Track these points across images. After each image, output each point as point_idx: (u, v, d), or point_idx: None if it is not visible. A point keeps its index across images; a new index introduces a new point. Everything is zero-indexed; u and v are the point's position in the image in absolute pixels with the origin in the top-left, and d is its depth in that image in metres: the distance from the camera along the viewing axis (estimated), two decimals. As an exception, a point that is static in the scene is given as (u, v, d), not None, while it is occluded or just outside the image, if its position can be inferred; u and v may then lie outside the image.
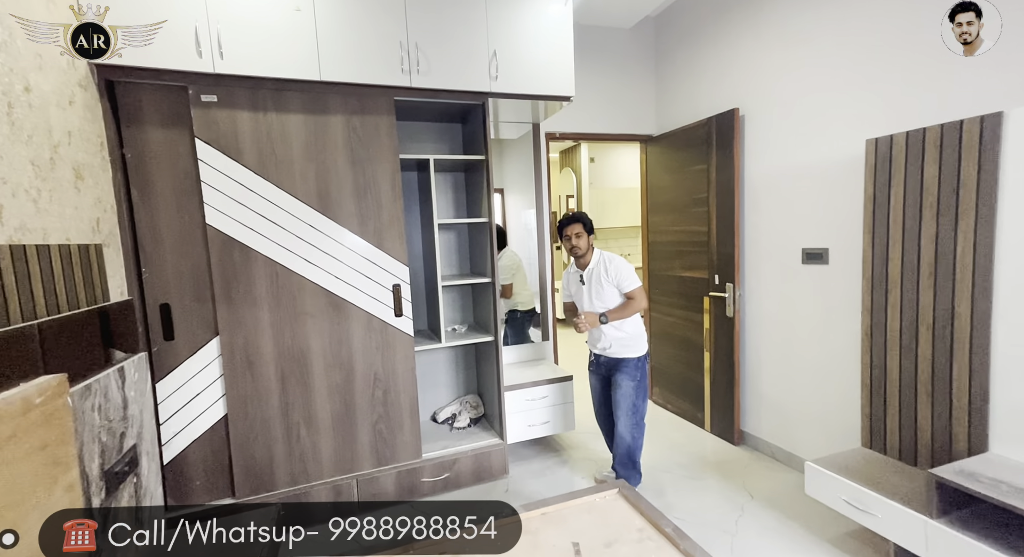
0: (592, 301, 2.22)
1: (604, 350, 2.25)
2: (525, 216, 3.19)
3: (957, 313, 1.69)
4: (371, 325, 2.16)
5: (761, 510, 2.13)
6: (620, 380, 2.21)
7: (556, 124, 3.08)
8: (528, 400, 2.63)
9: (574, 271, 2.32)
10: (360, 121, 2.08)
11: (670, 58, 3.18)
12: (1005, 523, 1.47)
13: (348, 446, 2.16)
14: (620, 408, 2.22)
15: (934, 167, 1.73)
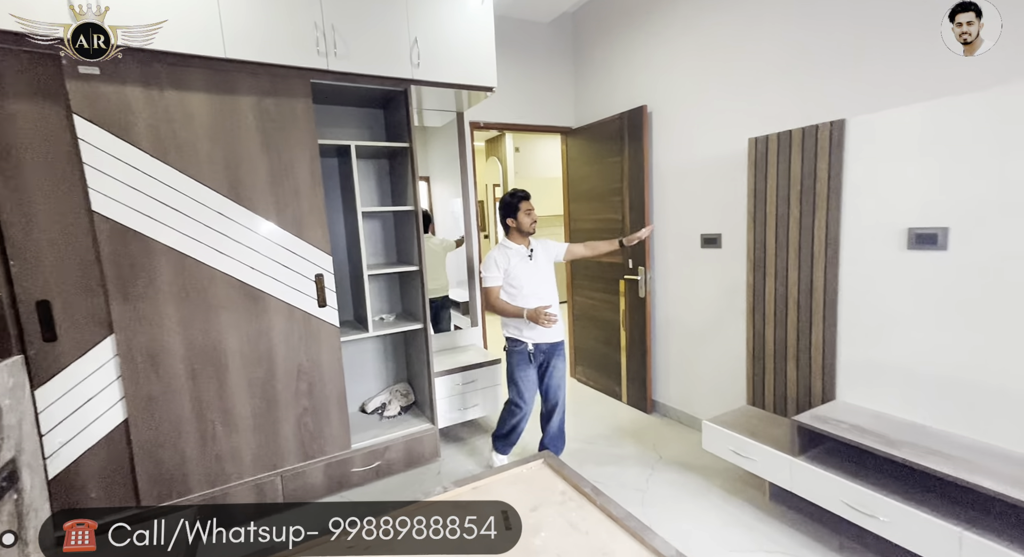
0: (542, 277, 2.22)
1: (553, 335, 2.22)
2: (452, 204, 3.22)
3: (815, 287, 2.03)
4: (293, 317, 2.09)
5: (668, 467, 2.41)
6: (558, 363, 2.28)
7: (480, 114, 3.13)
8: (458, 385, 2.70)
9: (515, 249, 2.21)
10: (274, 103, 1.99)
11: (587, 54, 3.35)
12: (848, 453, 1.82)
13: (271, 442, 2.09)
14: (561, 389, 2.31)
15: (798, 164, 2.04)
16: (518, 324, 2.22)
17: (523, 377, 2.25)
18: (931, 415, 1.70)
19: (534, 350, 2.23)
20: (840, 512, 1.67)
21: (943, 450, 1.54)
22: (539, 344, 2.23)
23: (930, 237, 1.65)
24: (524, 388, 2.27)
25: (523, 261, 2.20)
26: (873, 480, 1.65)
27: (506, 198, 2.25)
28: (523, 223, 2.21)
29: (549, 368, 2.28)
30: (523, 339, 2.22)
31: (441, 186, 3.28)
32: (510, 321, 2.24)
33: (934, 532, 1.42)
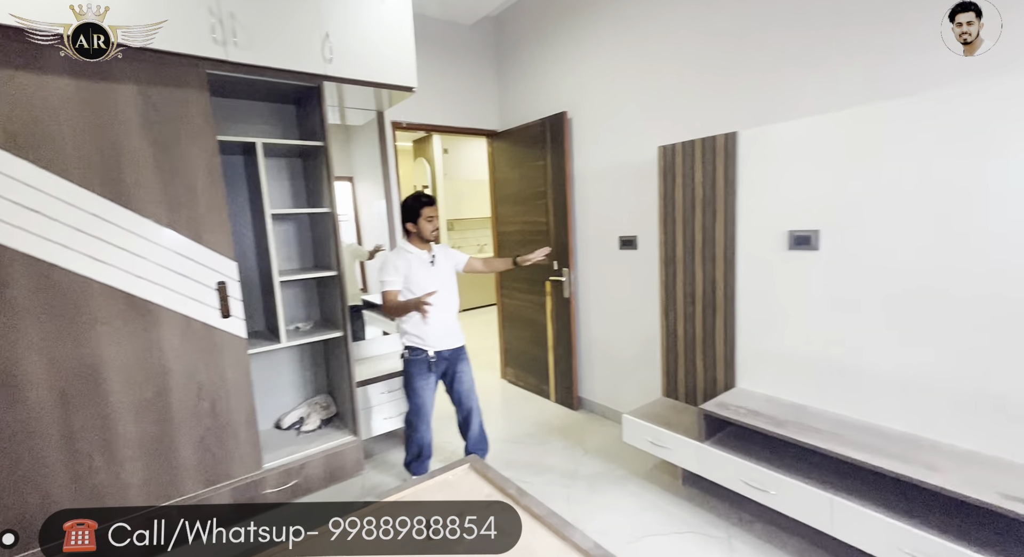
0: (445, 284, 2.17)
1: (453, 340, 2.20)
2: (377, 206, 3.11)
3: (717, 285, 2.21)
4: (191, 330, 1.90)
5: (592, 461, 2.50)
6: (465, 367, 2.26)
7: (403, 114, 3.06)
8: (382, 393, 2.61)
9: (416, 253, 2.14)
10: (161, 94, 1.79)
11: (510, 59, 3.40)
12: (748, 435, 2.00)
13: (166, 470, 1.88)
14: (472, 393, 2.29)
15: (701, 171, 2.21)
16: (419, 332, 2.13)
17: (423, 386, 2.18)
18: (812, 396, 1.92)
19: (436, 358, 2.16)
20: (739, 490, 1.83)
21: (821, 427, 1.75)
22: (441, 351, 2.17)
23: (805, 239, 1.86)
24: (425, 399, 2.20)
25: (424, 266, 2.13)
26: (767, 458, 1.82)
27: (408, 201, 2.14)
28: (424, 230, 2.12)
29: (456, 374, 2.23)
30: (424, 347, 2.15)
31: (366, 187, 3.16)
32: (411, 329, 2.15)
33: (811, 500, 1.60)
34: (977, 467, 1.42)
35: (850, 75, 1.79)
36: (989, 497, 1.27)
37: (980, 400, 1.49)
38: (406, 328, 2.18)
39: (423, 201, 2.13)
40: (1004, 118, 1.38)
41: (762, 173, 1.98)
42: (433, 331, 2.15)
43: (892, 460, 1.48)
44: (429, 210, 2.12)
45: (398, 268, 2.10)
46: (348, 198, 3.06)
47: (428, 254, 2.18)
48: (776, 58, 2.00)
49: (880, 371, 1.71)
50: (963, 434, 1.54)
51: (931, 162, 1.53)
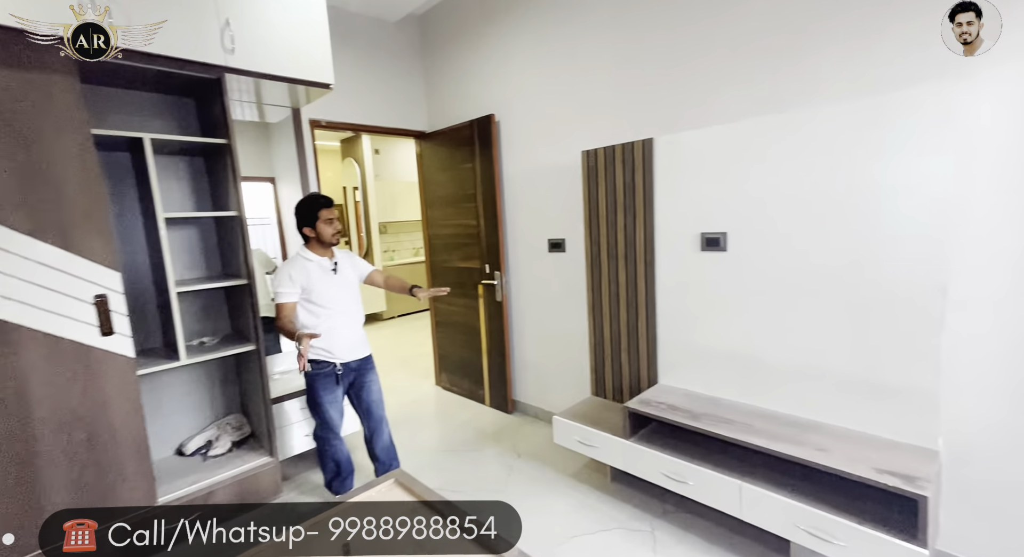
0: (350, 293, 2.06)
1: (357, 351, 2.08)
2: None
3: (639, 285, 2.29)
4: (60, 351, 1.65)
5: (525, 464, 2.50)
6: (373, 377, 2.14)
7: (323, 111, 2.89)
8: (303, 409, 2.44)
9: (316, 261, 1.98)
10: (15, 78, 1.54)
11: (436, 59, 3.33)
12: (670, 430, 2.08)
13: (29, 516, 1.62)
14: (379, 405, 2.16)
15: (621, 175, 2.28)
16: (325, 344, 1.99)
17: (332, 401, 2.05)
18: (725, 388, 2.04)
19: (343, 370, 2.04)
20: (661, 483, 1.90)
21: (733, 418, 1.86)
22: (348, 363, 2.05)
23: (715, 240, 1.98)
24: (334, 413, 2.07)
25: (325, 275, 1.98)
26: (687, 450, 1.91)
27: (302, 205, 1.98)
28: (324, 233, 1.96)
29: (365, 384, 2.11)
30: (331, 359, 2.01)
31: (289, 189, 2.94)
32: (315, 342, 1.96)
33: (723, 487, 1.69)
34: (858, 445, 1.57)
35: (749, 90, 1.92)
36: (867, 472, 1.40)
37: (860, 385, 1.65)
38: (312, 340, 1.99)
39: (320, 202, 1.97)
40: (862, 132, 1.54)
41: (676, 178, 2.07)
42: (340, 342, 2.02)
43: (789, 444, 1.60)
44: (327, 212, 1.97)
45: (293, 278, 1.92)
46: (270, 200, 2.84)
47: (330, 261, 2.02)
48: (689, 69, 2.10)
49: (780, 362, 1.85)
50: (848, 416, 1.70)
51: (810, 170, 1.68)
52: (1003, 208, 1.41)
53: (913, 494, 1.30)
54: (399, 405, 3.41)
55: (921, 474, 1.38)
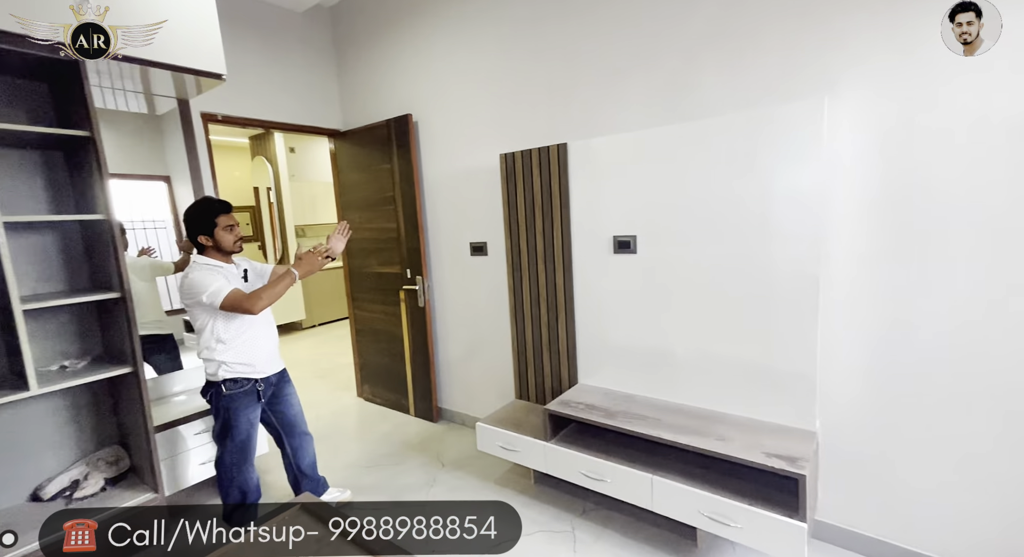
0: None
1: (276, 364, 1.96)
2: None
3: (558, 287, 2.32)
4: None
5: (449, 474, 2.43)
6: (291, 390, 2.03)
7: (219, 105, 2.63)
8: (199, 433, 2.18)
9: (225, 267, 1.84)
10: None
11: (350, 54, 3.17)
12: (590, 429, 2.12)
13: None
14: (301, 418, 2.06)
15: (539, 179, 2.30)
16: (247, 359, 1.83)
17: (253, 422, 1.90)
18: (639, 385, 2.12)
19: (263, 386, 1.90)
20: (580, 482, 1.92)
21: (645, 413, 1.93)
22: (268, 377, 1.92)
23: (626, 243, 2.05)
24: (252, 435, 1.90)
25: (238, 282, 1.85)
26: (605, 449, 1.95)
27: (195, 210, 1.80)
28: (224, 242, 1.80)
29: (285, 397, 2.01)
30: (252, 375, 1.86)
31: (186, 188, 2.63)
32: (234, 358, 1.82)
33: (636, 482, 1.75)
34: (755, 432, 1.70)
35: (654, 100, 2.01)
36: (758, 457, 1.51)
37: (756, 376, 1.79)
38: (226, 358, 1.83)
39: (217, 208, 1.80)
40: (747, 142, 1.68)
41: (589, 183, 2.13)
42: (261, 355, 1.88)
43: (694, 436, 1.69)
44: (227, 218, 1.81)
45: (216, 275, 1.77)
46: (164, 201, 2.52)
47: (237, 268, 1.89)
48: (603, 77, 2.16)
49: (688, 357, 1.96)
50: (747, 405, 1.83)
51: (706, 176, 1.80)
52: (860, 213, 1.60)
53: (793, 474, 1.42)
54: (316, 420, 3.18)
55: (801, 455, 1.51)
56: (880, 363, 1.62)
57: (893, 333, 1.59)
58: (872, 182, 1.57)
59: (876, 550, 1.70)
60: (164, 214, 2.53)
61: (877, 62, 1.51)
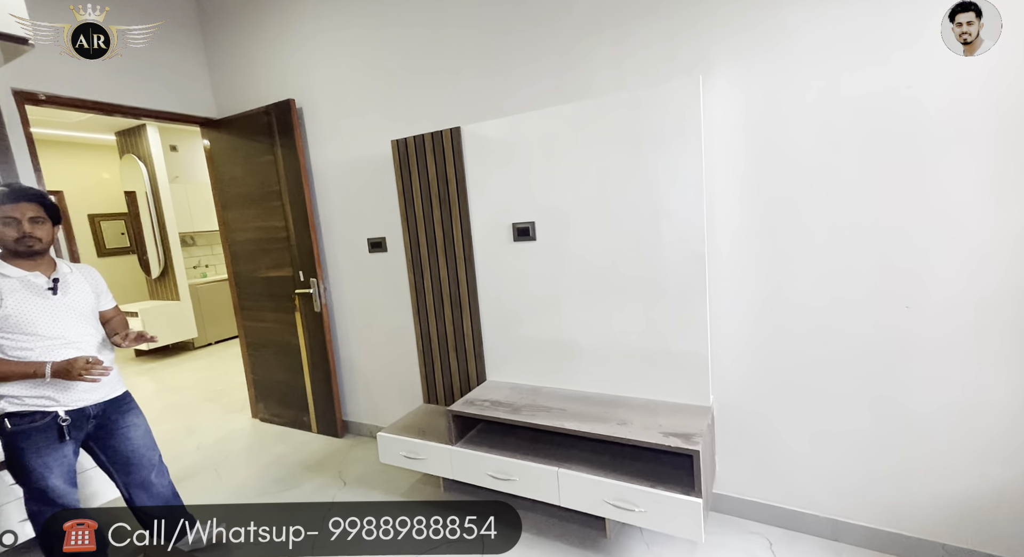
0: (76, 316, 1.54)
1: (102, 389, 1.59)
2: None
3: (460, 281, 2.19)
4: None
5: (351, 492, 2.20)
6: (131, 421, 1.66)
7: (45, 82, 2.18)
8: (13, 484, 1.76)
9: (19, 276, 1.47)
10: None
11: (219, 31, 2.82)
12: (498, 427, 2.01)
13: None
14: (145, 457, 1.68)
15: (433, 166, 2.16)
16: (43, 390, 1.48)
17: (51, 464, 1.49)
18: (545, 377, 2.05)
19: (72, 419, 1.51)
20: (489, 484, 1.81)
21: (551, 405, 1.85)
22: (84, 409, 1.54)
23: (524, 230, 1.98)
24: (54, 480, 1.50)
25: (34, 294, 1.48)
26: (513, 446, 1.85)
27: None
28: (6, 236, 1.45)
29: (117, 431, 1.63)
30: (51, 407, 1.49)
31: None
32: (22, 390, 1.46)
33: (543, 477, 1.67)
34: (653, 413, 1.69)
35: (542, 82, 1.96)
36: (656, 438, 1.49)
37: (653, 356, 1.79)
38: (8, 389, 1.46)
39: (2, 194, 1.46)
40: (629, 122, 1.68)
41: (485, 168, 2.03)
42: (68, 383, 1.49)
43: (596, 423, 1.65)
44: (11, 208, 1.44)
45: None
46: None
47: (44, 277, 1.52)
48: (493, 59, 2.05)
49: (589, 343, 1.92)
50: (645, 387, 1.82)
51: (595, 157, 1.78)
52: (734, 190, 1.65)
53: (687, 450, 1.42)
54: (197, 450, 2.78)
55: (695, 431, 1.52)
56: (762, 334, 1.69)
57: (770, 303, 1.66)
58: (741, 159, 1.63)
59: (767, 515, 1.77)
60: None
61: (744, 47, 1.57)
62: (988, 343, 1.38)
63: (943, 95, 1.34)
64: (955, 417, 1.45)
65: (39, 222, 1.49)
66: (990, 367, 1.39)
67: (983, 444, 1.43)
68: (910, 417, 1.51)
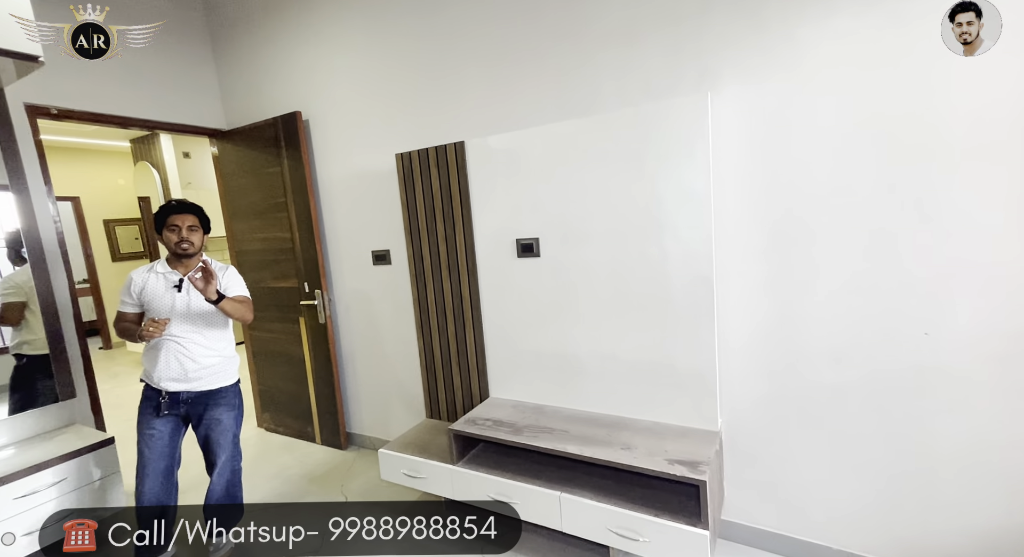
0: (190, 313, 1.74)
1: (193, 382, 1.76)
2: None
3: (463, 296, 2.17)
4: None
5: (353, 509, 2.18)
6: (218, 415, 1.81)
7: (58, 96, 2.22)
8: (21, 497, 1.77)
9: (164, 273, 1.76)
10: None
11: (228, 44, 2.84)
12: (500, 447, 1.98)
13: None
14: (221, 446, 1.84)
15: (437, 180, 2.14)
16: (150, 365, 1.76)
17: (148, 435, 1.75)
18: (548, 395, 2.01)
19: (168, 400, 1.75)
20: (490, 506, 1.77)
21: (553, 426, 1.81)
22: (179, 393, 1.75)
23: (529, 246, 1.94)
24: (145, 447, 1.75)
25: (165, 291, 1.73)
26: (515, 467, 1.81)
27: (158, 210, 1.80)
28: (167, 242, 1.75)
29: (201, 422, 1.82)
30: (155, 385, 1.75)
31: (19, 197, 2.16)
32: (145, 360, 1.78)
33: (544, 500, 1.63)
34: (659, 438, 1.64)
35: (550, 93, 1.93)
36: (660, 465, 1.44)
37: (660, 378, 1.74)
38: (144, 359, 1.80)
39: (167, 208, 1.75)
40: (635, 138, 1.64)
41: (489, 183, 2.00)
42: (160, 369, 1.73)
43: (599, 447, 1.60)
44: (176, 219, 1.73)
45: (131, 287, 1.76)
46: (10, 214, 2.04)
47: (176, 275, 1.76)
48: (499, 73, 2.02)
49: (594, 364, 1.88)
50: (651, 409, 1.77)
51: (600, 174, 1.74)
52: (744, 207, 1.60)
53: (694, 480, 1.37)
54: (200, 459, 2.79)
55: (702, 458, 1.46)
56: (773, 357, 1.63)
57: (781, 326, 1.60)
58: (752, 176, 1.57)
59: (778, 545, 1.70)
60: (10, 229, 2.06)
61: (753, 62, 1.52)
62: (1016, 375, 1.31)
63: (962, 108, 1.28)
64: (979, 451, 1.38)
65: (194, 230, 1.76)
66: (1017, 400, 1.32)
67: (1010, 480, 1.35)
68: (931, 449, 1.44)
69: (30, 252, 2.08)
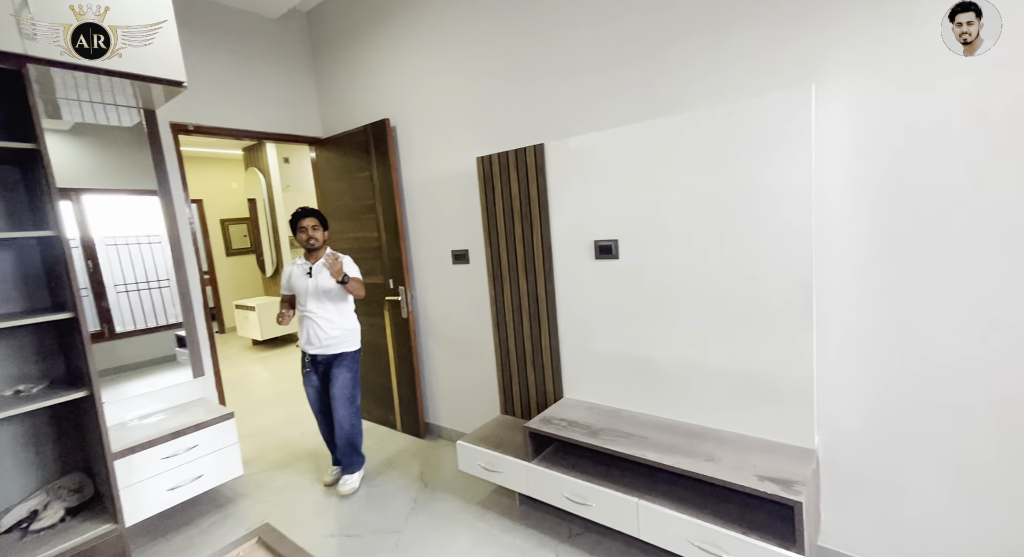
0: (318, 293, 2.29)
1: (324, 348, 2.31)
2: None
3: (539, 296, 2.20)
4: None
5: (431, 495, 2.30)
6: (338, 373, 2.33)
7: (190, 115, 2.56)
8: (165, 458, 2.09)
9: (301, 264, 2.35)
10: None
11: (328, 59, 3.10)
12: (574, 447, 1.99)
13: None
14: (338, 399, 2.34)
15: (516, 183, 2.18)
16: (301, 333, 2.38)
17: (306, 387, 2.44)
18: (624, 399, 1.98)
19: (310, 361, 2.39)
20: (564, 506, 1.79)
21: (630, 431, 1.79)
22: (315, 355, 2.36)
23: (607, 248, 1.93)
24: (308, 397, 2.46)
25: (302, 278, 2.32)
26: (590, 469, 1.82)
27: (292, 216, 2.36)
28: (300, 240, 2.32)
29: (330, 379, 2.36)
30: (304, 349, 2.39)
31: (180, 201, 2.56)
32: (299, 332, 2.40)
33: (621, 506, 1.61)
34: (746, 451, 1.55)
35: (633, 91, 1.89)
36: (749, 481, 1.37)
37: (747, 388, 1.65)
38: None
39: (297, 214, 2.32)
40: (728, 135, 1.55)
41: (568, 185, 2.01)
42: (305, 337, 2.36)
43: (681, 456, 1.55)
44: (304, 221, 2.30)
45: (287, 276, 2.39)
46: (158, 215, 2.43)
47: (308, 265, 2.33)
48: (578, 74, 2.03)
49: (674, 369, 1.82)
50: (737, 420, 1.69)
51: (686, 173, 1.67)
52: (853, 212, 1.46)
53: (789, 500, 1.28)
54: (301, 437, 3.09)
55: (798, 477, 1.36)
56: (881, 372, 1.47)
57: (893, 339, 1.44)
58: (864, 178, 1.43)
59: (887, 580, 1.54)
60: (158, 228, 2.45)
61: (867, 46, 1.38)
62: None
63: None
64: None
65: (317, 229, 2.32)
66: None
67: None
68: (1088, 490, 1.23)
69: (172, 248, 2.43)
